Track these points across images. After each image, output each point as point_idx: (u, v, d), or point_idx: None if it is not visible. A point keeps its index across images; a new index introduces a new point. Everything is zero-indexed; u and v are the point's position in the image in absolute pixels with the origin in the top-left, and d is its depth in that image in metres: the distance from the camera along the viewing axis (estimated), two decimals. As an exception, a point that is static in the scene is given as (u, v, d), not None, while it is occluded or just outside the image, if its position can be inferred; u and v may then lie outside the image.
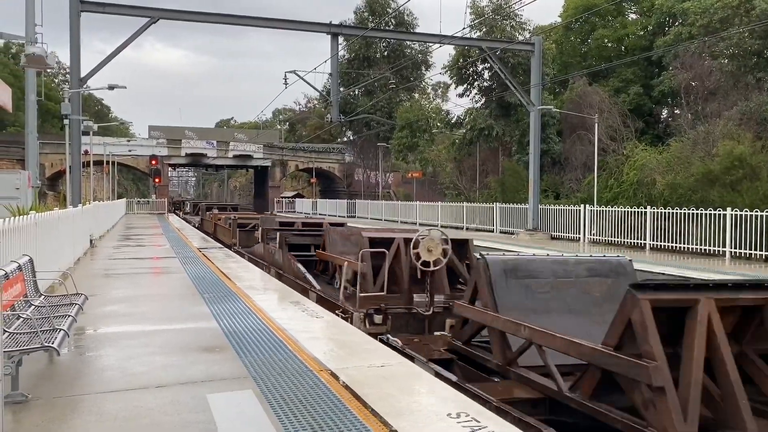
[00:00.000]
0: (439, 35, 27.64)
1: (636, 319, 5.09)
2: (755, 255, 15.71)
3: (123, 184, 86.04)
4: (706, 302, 5.14)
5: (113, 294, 9.75)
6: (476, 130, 40.82)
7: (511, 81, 26.94)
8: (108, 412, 4.48)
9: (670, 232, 18.39)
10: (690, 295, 5.32)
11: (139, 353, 6.14)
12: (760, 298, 5.47)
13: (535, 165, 25.77)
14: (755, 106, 27.88)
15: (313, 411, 4.48)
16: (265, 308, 8.51)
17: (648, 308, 5.08)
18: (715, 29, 30.38)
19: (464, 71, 42.07)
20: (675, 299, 5.32)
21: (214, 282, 11.13)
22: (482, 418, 4.35)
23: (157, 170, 52.10)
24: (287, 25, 25.59)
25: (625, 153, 30.67)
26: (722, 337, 5.06)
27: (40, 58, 13.25)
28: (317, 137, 71.17)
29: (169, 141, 67.07)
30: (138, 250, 17.59)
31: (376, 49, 58.73)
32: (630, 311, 5.16)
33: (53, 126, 60.77)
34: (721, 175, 22.46)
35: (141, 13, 22.55)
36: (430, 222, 31.54)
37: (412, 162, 55.51)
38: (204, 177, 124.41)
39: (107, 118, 77.82)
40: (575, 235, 22.22)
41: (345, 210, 44.27)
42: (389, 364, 5.78)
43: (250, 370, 5.54)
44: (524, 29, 40.76)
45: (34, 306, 6.02)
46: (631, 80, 38.09)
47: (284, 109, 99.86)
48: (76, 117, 21.79)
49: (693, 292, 5.38)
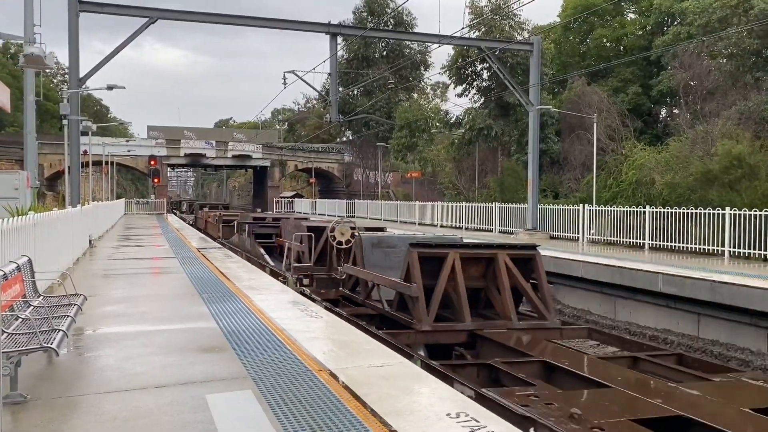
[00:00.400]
0: (437, 35, 27.61)
1: (410, 261, 9.54)
2: (754, 254, 15.70)
3: (122, 185, 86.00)
4: (452, 254, 9.63)
5: (112, 294, 9.75)
6: (475, 130, 40.82)
7: (510, 81, 26.93)
8: (107, 413, 4.47)
9: (668, 231, 18.38)
10: (443, 250, 9.85)
11: (139, 353, 6.14)
12: (490, 253, 9.99)
13: (534, 165, 25.76)
14: (754, 105, 27.89)
15: (312, 411, 4.48)
16: (265, 308, 8.51)
17: (416, 256, 9.51)
18: (713, 29, 30.40)
19: (463, 71, 42.06)
20: (435, 252, 9.80)
21: (213, 282, 11.13)
22: (482, 417, 4.35)
23: (156, 170, 52.08)
24: (286, 25, 25.56)
25: (624, 153, 30.68)
26: (460, 273, 9.48)
27: (39, 59, 13.23)
28: (316, 137, 71.17)
29: (168, 141, 67.03)
30: (137, 251, 17.59)
31: (375, 49, 58.75)
32: (409, 258, 9.61)
33: (52, 126, 60.72)
34: (719, 174, 22.47)
35: (139, 14, 22.51)
36: (429, 222, 31.54)
37: (411, 162, 55.52)
38: (203, 177, 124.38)
39: (106, 118, 77.76)
40: (574, 235, 22.23)
41: (344, 210, 44.18)
42: (389, 363, 5.78)
43: (249, 370, 5.54)
44: (523, 29, 40.79)
45: (33, 306, 6.02)
46: (629, 80, 38.11)
47: (283, 109, 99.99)
48: (74, 117, 21.76)
49: (445, 248, 9.95)
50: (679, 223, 18.00)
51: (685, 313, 13.08)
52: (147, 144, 65.28)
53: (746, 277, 12.36)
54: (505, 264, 9.77)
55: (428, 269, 9.47)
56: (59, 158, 43.29)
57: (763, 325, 11.51)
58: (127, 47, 22.74)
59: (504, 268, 9.74)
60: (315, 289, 13.31)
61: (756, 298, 11.26)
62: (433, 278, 9.40)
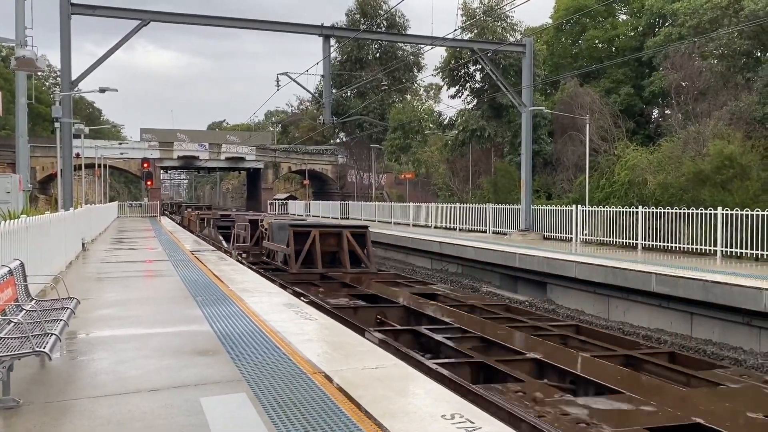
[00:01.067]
0: (430, 37, 27.63)
1: (289, 236, 16.53)
2: (746, 254, 15.79)
3: (115, 187, 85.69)
4: (314, 231, 16.59)
5: (106, 298, 9.71)
6: (468, 131, 40.88)
7: (503, 82, 26.99)
8: (101, 417, 4.46)
9: (661, 231, 18.45)
10: (309, 228, 16.78)
11: (132, 357, 6.12)
12: (338, 230, 17.03)
13: (527, 165, 25.81)
14: (745, 105, 28.03)
15: (306, 413, 4.48)
16: (258, 311, 8.49)
17: (292, 232, 16.56)
18: (704, 30, 30.54)
19: (456, 73, 42.12)
20: (304, 230, 16.78)
21: (207, 285, 11.10)
22: (476, 419, 4.36)
23: (149, 173, 51.95)
24: (279, 27, 25.54)
25: (617, 153, 30.78)
26: (318, 242, 16.25)
27: (31, 61, 13.19)
28: (310, 139, 71.10)
29: (161, 143, 66.84)
30: (130, 254, 17.53)
31: (368, 50, 58.72)
32: (288, 233, 16.61)
33: (44, 129, 60.37)
34: (711, 174, 22.58)
35: (132, 16, 22.41)
36: (423, 223, 31.57)
37: (404, 163, 55.51)
38: (196, 179, 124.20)
39: (99, 120, 77.42)
40: (567, 236, 22.29)
41: (338, 211, 44.15)
42: (383, 365, 5.78)
43: (243, 373, 5.53)
44: (515, 30, 40.87)
45: (26, 310, 5.99)
46: (621, 81, 38.26)
47: (276, 111, 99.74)
48: (67, 120, 21.67)
49: (311, 227, 16.97)
50: (672, 224, 18.07)
51: (678, 312, 13.14)
52: (140, 146, 65.08)
53: (738, 277, 12.43)
54: (347, 237, 16.64)
55: (301, 240, 16.41)
56: (51, 161, 43.09)
57: (755, 324, 11.57)
58: (119, 49, 22.69)
59: (346, 240, 16.60)
60: (249, 259, 19.42)
61: (748, 297, 11.33)
62: (301, 244, 16.13)
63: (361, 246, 16.63)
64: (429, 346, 9.13)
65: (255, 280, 12.05)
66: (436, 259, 23.80)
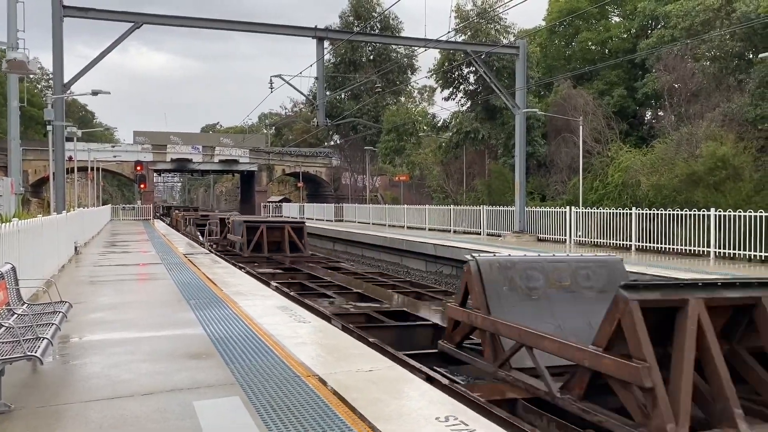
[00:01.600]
0: (424, 39, 27.64)
1: (242, 229, 20.86)
2: (739, 255, 15.86)
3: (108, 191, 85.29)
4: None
5: (98, 301, 9.66)
6: (462, 134, 40.93)
7: (497, 84, 27.04)
8: (93, 421, 4.43)
9: (655, 233, 18.52)
10: (259, 224, 21.18)
11: (125, 361, 6.08)
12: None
13: (521, 167, 25.86)
14: (737, 107, 28.18)
15: (300, 417, 4.46)
16: (252, 314, 8.46)
17: (245, 226, 20.87)
18: (697, 32, 30.70)
19: (450, 75, 42.17)
20: (255, 225, 21.04)
21: (200, 288, 11.06)
22: (471, 421, 4.35)
23: (143, 176, 51.70)
24: (272, 29, 25.52)
25: (610, 155, 30.92)
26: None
27: (22, 64, 13.13)
28: (304, 141, 71.05)
29: (154, 146, 66.64)
30: (123, 257, 17.45)
31: (362, 53, 58.73)
32: (241, 227, 21.08)
33: (36, 132, 60.13)
34: (704, 176, 22.70)
35: (124, 18, 22.34)
36: (417, 225, 31.58)
37: (399, 165, 55.53)
38: (190, 182, 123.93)
39: (91, 123, 77.23)
40: (561, 237, 22.33)
41: (332, 214, 44.10)
42: (377, 368, 5.76)
43: (237, 376, 5.51)
44: (509, 33, 40.93)
45: (17, 314, 5.95)
46: (614, 83, 38.41)
47: (270, 113, 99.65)
48: (59, 123, 21.58)
49: (257, 223, 21.10)
50: (665, 225, 18.14)
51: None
52: (133, 149, 64.88)
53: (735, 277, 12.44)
54: (288, 230, 20.95)
55: (253, 232, 20.64)
56: (44, 164, 42.88)
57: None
58: (112, 51, 22.60)
59: (287, 232, 20.84)
60: (217, 248, 22.85)
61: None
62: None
63: (299, 237, 21.09)
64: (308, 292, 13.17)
65: (249, 283, 12.01)
66: (430, 261, 23.80)
